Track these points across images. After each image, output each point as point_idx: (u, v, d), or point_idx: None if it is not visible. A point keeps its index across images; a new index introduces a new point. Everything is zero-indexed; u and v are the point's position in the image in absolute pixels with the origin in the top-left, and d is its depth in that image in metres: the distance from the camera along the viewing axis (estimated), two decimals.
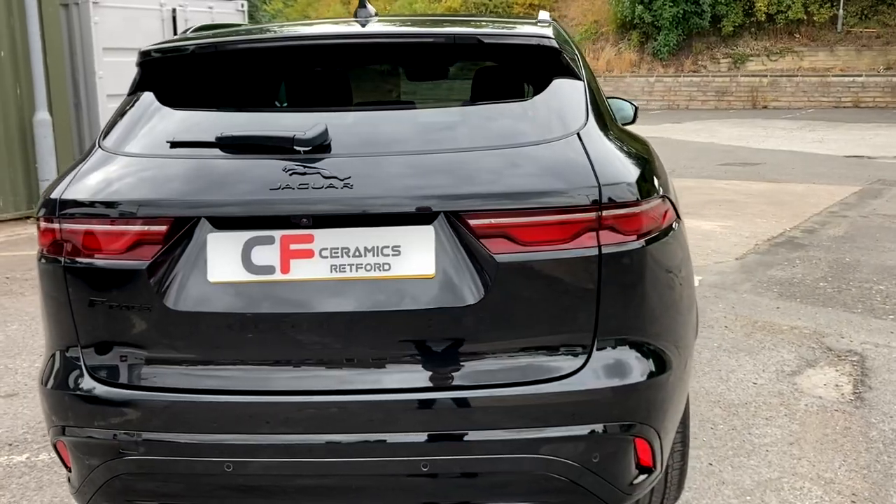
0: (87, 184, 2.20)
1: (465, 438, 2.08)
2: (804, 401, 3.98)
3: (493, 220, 2.05)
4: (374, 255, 2.07)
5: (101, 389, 2.18)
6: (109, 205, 2.15)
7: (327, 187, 2.04)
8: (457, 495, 2.18)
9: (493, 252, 2.06)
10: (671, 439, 2.44)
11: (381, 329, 2.08)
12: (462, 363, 2.10)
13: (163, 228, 2.10)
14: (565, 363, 2.13)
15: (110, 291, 2.15)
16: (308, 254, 2.07)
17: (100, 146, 2.31)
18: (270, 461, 2.11)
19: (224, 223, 2.10)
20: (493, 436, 2.09)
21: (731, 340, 4.85)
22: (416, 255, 2.06)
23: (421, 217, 2.07)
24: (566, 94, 2.33)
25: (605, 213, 2.09)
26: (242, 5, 11.17)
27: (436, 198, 2.06)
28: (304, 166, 2.07)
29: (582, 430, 2.13)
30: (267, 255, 2.08)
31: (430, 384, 2.09)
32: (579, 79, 2.41)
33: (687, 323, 2.47)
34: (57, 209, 2.19)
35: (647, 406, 2.22)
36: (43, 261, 2.25)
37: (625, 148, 2.38)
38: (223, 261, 2.09)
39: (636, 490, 2.28)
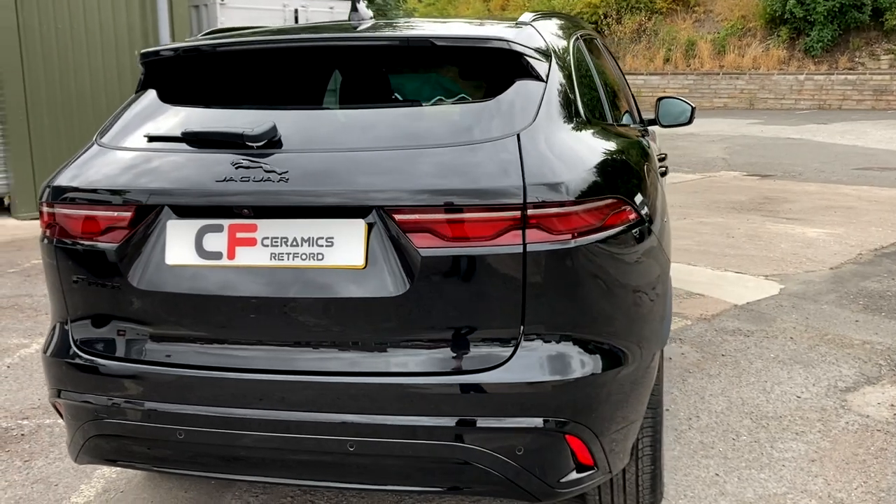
0: (75, 174, 2.45)
1: (388, 423, 2.18)
2: (846, 418, 3.80)
3: (418, 216, 2.14)
4: (309, 245, 2.20)
5: (80, 359, 2.42)
6: (88, 192, 2.39)
7: (265, 180, 2.19)
8: (382, 477, 2.28)
9: (417, 246, 2.14)
10: (620, 440, 2.44)
11: (313, 314, 2.21)
12: (387, 351, 2.20)
13: (128, 215, 2.32)
14: (489, 356, 2.19)
15: (88, 270, 2.39)
16: (251, 242, 2.23)
17: (96, 140, 2.56)
18: (213, 432, 2.28)
19: (182, 211, 2.29)
20: (416, 422, 2.17)
21: (790, 352, 4.66)
22: (347, 247, 2.18)
23: (353, 211, 2.18)
24: (517, 95, 2.37)
25: (530, 211, 2.13)
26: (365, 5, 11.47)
27: (364, 193, 2.16)
28: (251, 161, 2.23)
29: (503, 422, 2.18)
30: (216, 241, 2.25)
31: (355, 369, 2.20)
32: (540, 80, 2.44)
33: (642, 325, 2.46)
34: (49, 195, 2.45)
35: (578, 404, 2.24)
36: (44, 241, 2.52)
37: (582, 148, 2.39)
38: (179, 245, 2.28)
39: (570, 487, 2.30)
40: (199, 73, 2.65)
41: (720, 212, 9.01)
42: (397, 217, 2.15)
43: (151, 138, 2.42)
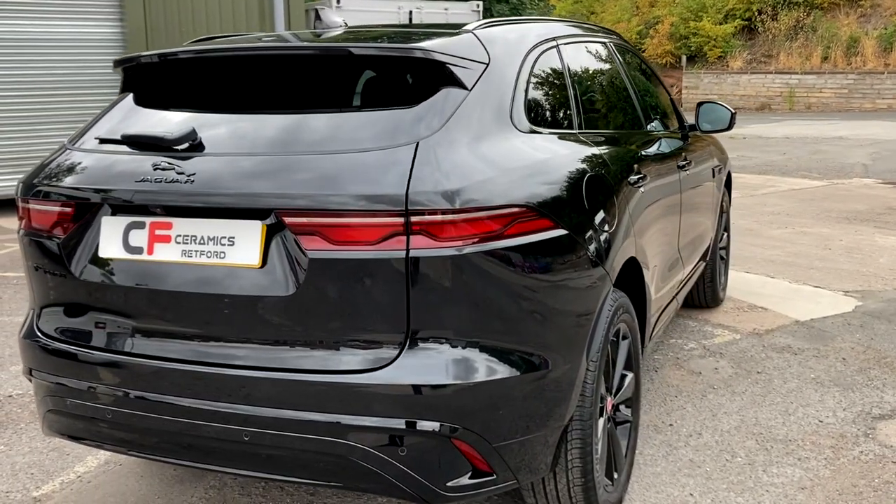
0: (40, 172, 2.69)
1: (277, 416, 2.28)
2: (864, 447, 3.56)
3: (305, 219, 2.23)
4: (214, 244, 2.34)
5: (39, 340, 2.66)
6: (44, 189, 2.62)
7: (174, 182, 2.35)
8: (277, 468, 2.38)
9: (306, 248, 2.23)
10: (525, 450, 2.43)
11: (213, 310, 2.35)
12: (277, 347, 2.30)
13: (71, 210, 2.54)
14: (373, 358, 2.24)
15: (43, 260, 2.63)
16: (167, 239, 2.39)
17: (66, 141, 2.80)
18: (133, 413, 2.46)
19: (115, 209, 2.49)
20: (303, 417, 2.26)
21: (835, 373, 4.39)
22: (246, 247, 2.30)
23: (251, 212, 2.29)
24: (431, 103, 2.39)
25: (413, 218, 2.17)
26: (478, 6, 11.64)
27: (260, 196, 2.27)
28: (168, 163, 2.39)
29: (385, 422, 2.23)
30: (139, 237, 2.43)
31: (250, 363, 2.31)
32: (462, 88, 2.46)
33: (549, 336, 2.44)
34: (20, 191, 2.71)
35: (466, 410, 2.26)
36: (19, 233, 2.78)
37: (494, 157, 2.40)
38: (110, 240, 2.47)
39: (463, 492, 2.32)
40: (162, 78, 2.84)
41: (828, 221, 8.50)
42: (287, 220, 2.24)
43: (102, 140, 2.64)
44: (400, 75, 2.51)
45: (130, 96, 2.85)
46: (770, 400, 4.06)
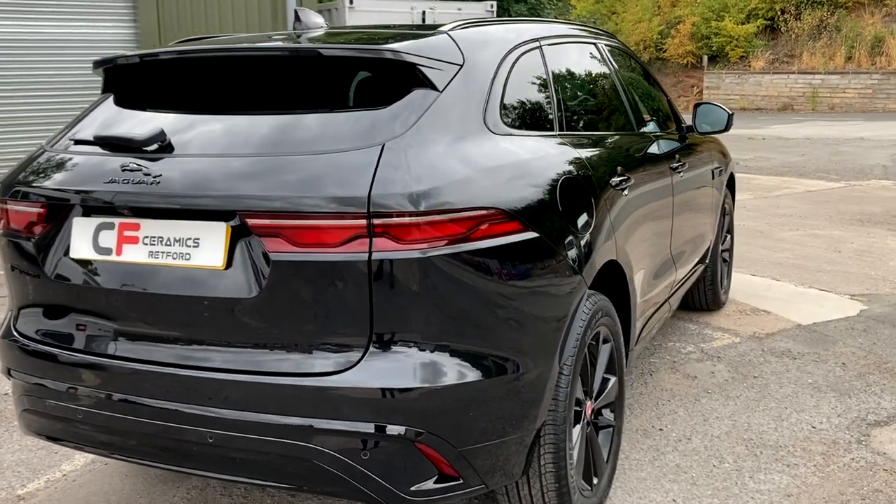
0: (18, 173, 2.71)
1: (240, 419, 2.27)
2: (855, 454, 3.50)
3: (268, 221, 2.22)
4: (180, 245, 2.34)
5: (16, 341, 2.68)
6: (20, 190, 2.64)
7: (140, 182, 2.35)
8: (237, 470, 2.37)
9: (269, 250, 2.23)
10: (495, 455, 2.41)
11: (179, 311, 2.35)
12: (240, 349, 2.30)
13: (43, 211, 2.55)
14: (336, 360, 2.23)
15: (19, 260, 2.64)
16: (135, 240, 2.40)
17: (44, 143, 2.81)
18: (102, 414, 2.47)
19: (86, 210, 2.49)
20: (265, 419, 2.25)
21: (833, 378, 4.32)
22: (210, 248, 2.30)
23: (216, 214, 2.29)
24: (400, 105, 2.38)
25: (376, 220, 2.16)
26: (492, 6, 11.62)
27: (225, 197, 2.27)
28: (136, 164, 2.39)
29: (347, 425, 2.22)
30: (108, 238, 2.44)
31: (214, 365, 2.31)
32: (433, 89, 2.45)
33: (516, 338, 2.42)
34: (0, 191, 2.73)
35: (430, 413, 2.24)
36: None
37: (463, 159, 2.38)
38: (81, 240, 2.48)
39: (428, 496, 2.31)
40: (139, 79, 2.84)
41: (841, 223, 8.39)
42: (250, 221, 2.24)
43: (76, 141, 2.65)
44: (371, 77, 2.50)
45: (111, 97, 2.86)
46: (764, 405, 4.01)
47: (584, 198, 2.82)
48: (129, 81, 2.85)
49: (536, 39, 3.15)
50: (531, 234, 2.46)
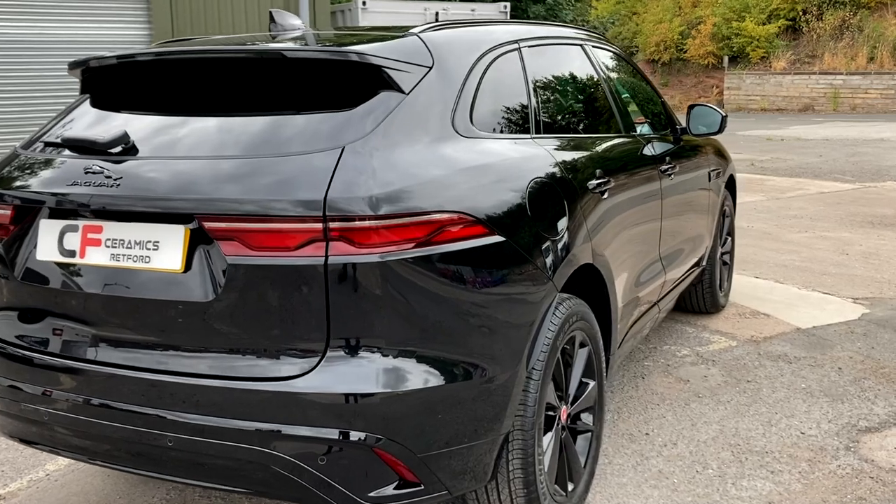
0: None
1: (199, 423, 2.27)
2: (843, 461, 3.45)
3: (224, 224, 2.22)
4: (140, 248, 2.34)
5: None
6: None
7: (101, 185, 2.36)
8: (204, 475, 2.37)
9: (225, 254, 2.23)
10: (457, 460, 2.39)
11: (139, 314, 2.35)
12: (199, 354, 2.30)
13: (11, 213, 2.57)
14: (293, 365, 2.22)
15: None
16: (97, 242, 2.41)
17: (18, 145, 2.83)
18: (68, 416, 2.47)
19: (52, 212, 2.51)
20: (222, 423, 2.25)
21: (827, 383, 4.26)
22: (169, 251, 2.30)
23: (174, 217, 2.29)
24: (363, 107, 2.37)
25: (332, 224, 2.15)
26: (505, 6, 11.60)
27: (182, 200, 2.27)
28: (99, 166, 2.40)
29: (303, 430, 2.21)
30: (73, 240, 2.45)
31: (174, 368, 2.31)
32: (399, 92, 2.44)
33: (479, 343, 2.40)
34: None
35: (388, 419, 2.23)
36: None
37: (425, 162, 2.37)
38: (47, 243, 2.50)
39: (386, 502, 2.30)
40: (112, 81, 2.85)
41: (850, 226, 8.28)
42: (206, 224, 2.24)
43: (46, 144, 2.67)
44: (337, 79, 2.49)
45: (88, 99, 2.87)
46: (754, 410, 3.96)
47: (555, 201, 2.79)
48: (104, 83, 2.86)
49: (515, 41, 3.13)
50: (496, 239, 2.44)
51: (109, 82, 2.85)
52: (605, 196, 3.17)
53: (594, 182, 3.09)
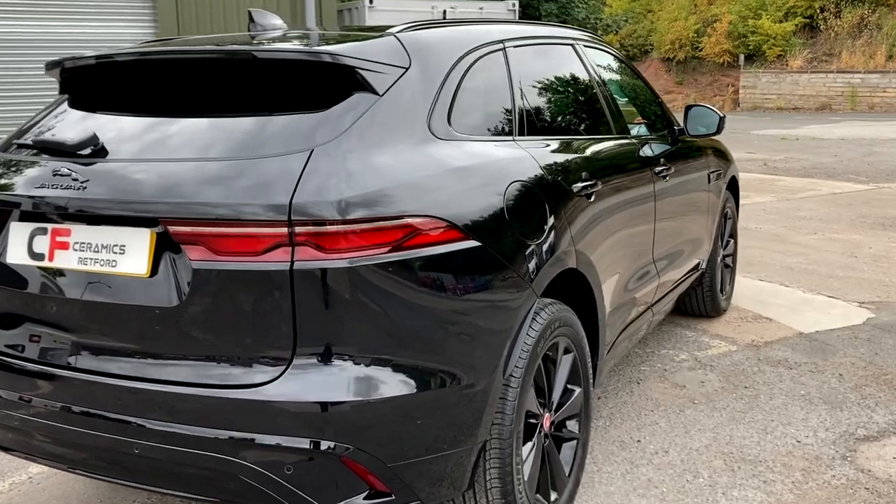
0: None
1: (165, 430, 2.22)
2: (838, 471, 3.37)
3: (189, 229, 2.17)
4: (107, 252, 2.30)
5: None
6: None
7: (68, 188, 2.32)
8: (165, 481, 2.33)
9: (190, 258, 2.18)
10: (430, 470, 2.34)
11: (105, 319, 2.31)
12: (162, 360, 2.25)
13: None
14: (259, 372, 2.17)
15: None
16: (66, 245, 2.37)
17: None
18: (37, 422, 2.44)
19: (22, 214, 2.47)
20: (187, 431, 2.20)
21: (827, 390, 4.17)
22: (135, 255, 2.26)
23: (140, 220, 2.25)
24: (334, 109, 2.32)
25: (297, 229, 2.10)
26: (514, 4, 11.51)
27: (147, 203, 2.22)
28: (68, 168, 2.36)
29: (269, 439, 2.16)
30: (42, 243, 2.41)
31: (139, 375, 2.27)
32: (373, 93, 2.38)
33: (451, 350, 2.34)
34: None
35: (356, 428, 2.18)
36: None
37: (399, 165, 2.31)
38: (17, 246, 2.46)
39: None
40: (88, 82, 2.81)
41: (861, 228, 8.16)
42: (171, 228, 2.19)
43: (20, 146, 2.63)
44: (310, 81, 2.43)
45: (66, 99, 2.84)
46: (750, 417, 3.88)
47: (536, 205, 2.73)
48: (81, 84, 2.83)
49: (500, 41, 3.07)
50: (471, 243, 2.38)
51: (87, 83, 2.82)
52: (592, 199, 3.10)
53: (580, 185, 3.02)
